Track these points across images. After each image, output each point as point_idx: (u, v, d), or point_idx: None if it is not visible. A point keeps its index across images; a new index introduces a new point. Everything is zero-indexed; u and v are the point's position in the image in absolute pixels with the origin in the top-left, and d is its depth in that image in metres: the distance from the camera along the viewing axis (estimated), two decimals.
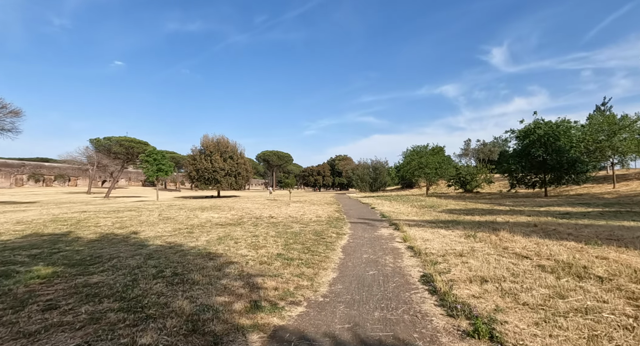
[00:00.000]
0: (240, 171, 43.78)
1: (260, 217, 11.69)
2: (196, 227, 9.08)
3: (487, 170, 31.42)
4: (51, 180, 73.95)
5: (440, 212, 14.00)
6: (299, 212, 13.69)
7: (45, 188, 66.03)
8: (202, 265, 4.86)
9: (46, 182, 72.85)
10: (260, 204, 20.20)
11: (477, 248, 6.01)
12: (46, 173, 73.05)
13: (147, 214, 12.44)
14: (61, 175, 76.12)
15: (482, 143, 51.98)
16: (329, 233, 8.16)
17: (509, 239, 6.60)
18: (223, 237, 7.26)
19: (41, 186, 70.25)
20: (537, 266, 4.68)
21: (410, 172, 30.68)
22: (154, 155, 31.26)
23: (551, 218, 10.59)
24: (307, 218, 11.53)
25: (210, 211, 14.30)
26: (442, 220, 10.98)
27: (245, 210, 14.86)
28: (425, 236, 7.46)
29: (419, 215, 12.69)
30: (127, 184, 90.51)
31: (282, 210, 15.20)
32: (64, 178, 76.52)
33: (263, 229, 8.61)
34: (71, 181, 78.06)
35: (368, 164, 54.98)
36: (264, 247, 6.30)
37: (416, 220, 11.11)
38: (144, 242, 6.71)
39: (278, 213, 13.14)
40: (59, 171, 75.40)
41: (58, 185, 75.37)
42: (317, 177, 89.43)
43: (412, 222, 10.44)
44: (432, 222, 10.41)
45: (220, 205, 18.72)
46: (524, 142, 21.93)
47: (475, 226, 8.95)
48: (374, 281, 4.40)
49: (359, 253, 6.15)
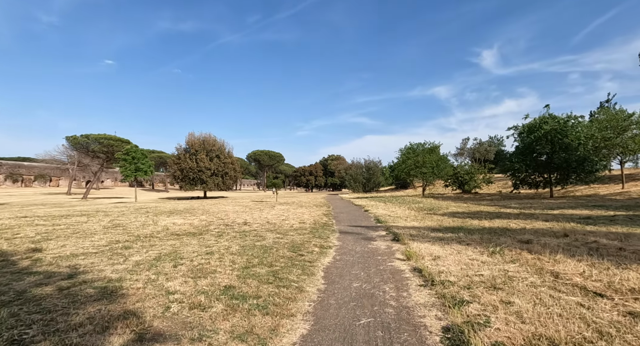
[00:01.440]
0: (227, 171, 41.73)
1: (231, 224, 9.80)
2: (142, 238, 7.17)
3: (486, 170, 30.09)
4: (31, 181, 70.57)
5: (442, 215, 12.33)
6: (280, 217, 11.85)
7: (23, 189, 62.89)
8: (76, 323, 2.99)
9: (25, 183, 69.48)
10: (242, 207, 18.31)
11: (513, 273, 4.27)
12: (25, 173, 69.63)
13: (98, 220, 10.46)
14: (42, 175, 72.71)
15: (479, 142, 50.74)
16: (311, 247, 6.35)
17: (550, 259, 4.88)
18: (164, 256, 5.38)
19: (20, 186, 66.96)
20: (628, 314, 2.95)
21: (406, 172, 28.91)
22: (133, 154, 29.09)
23: (576, 225, 8.95)
24: (288, 225, 9.68)
25: (177, 216, 12.36)
26: (447, 226, 9.27)
27: (220, 214, 12.96)
28: (434, 251, 5.71)
29: (418, 220, 10.98)
30: (113, 185, 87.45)
31: (262, 214, 13.33)
32: (44, 179, 73.16)
33: (226, 242, 6.75)
34: (52, 181, 74.69)
35: (361, 164, 53.37)
36: (212, 273, 4.45)
37: (417, 226, 9.39)
38: (36, 268, 4.78)
39: (255, 219, 11.27)
40: (39, 171, 71.97)
41: (38, 185, 71.99)
42: (309, 177, 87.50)
43: (413, 229, 8.71)
44: (437, 229, 8.68)
45: (195, 208, 16.78)
46: (529, 138, 20.35)
47: (491, 235, 7.25)
48: (369, 342, 2.62)
49: (347, 280, 4.37)
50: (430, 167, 27.40)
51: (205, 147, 41.19)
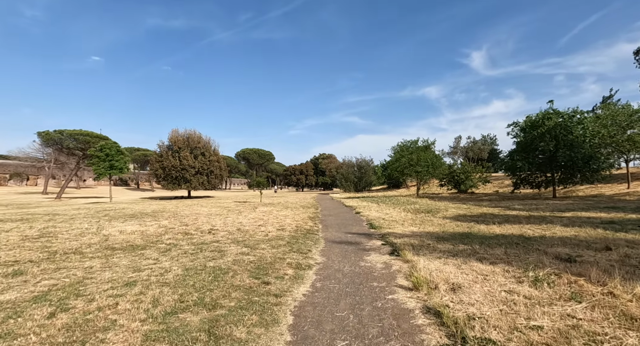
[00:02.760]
0: (213, 169, 39.70)
1: (193, 232, 8.05)
2: (59, 256, 5.38)
3: (483, 169, 28.78)
4: (6, 179, 66.92)
5: (443, 218, 10.83)
6: (258, 222, 10.14)
7: None
8: None
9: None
10: (219, 208, 16.53)
11: (589, 324, 2.70)
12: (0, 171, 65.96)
13: (29, 226, 8.58)
14: (18, 173, 69.05)
15: (472, 140, 49.72)
16: (283, 268, 4.71)
17: (626, 291, 3.35)
18: (56, 290, 3.64)
19: None
20: None
21: (400, 170, 27.36)
22: (106, 150, 26.87)
23: (605, 232, 7.51)
24: (262, 233, 7.98)
25: (135, 220, 10.53)
26: (452, 232, 7.76)
27: (188, 219, 11.19)
28: (450, 274, 4.14)
29: (417, 224, 9.44)
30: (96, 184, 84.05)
31: (238, 218, 11.61)
32: (21, 177, 69.55)
33: (168, 261, 5.02)
34: (30, 180, 71.09)
35: (353, 163, 51.84)
36: (105, 331, 2.75)
37: (417, 233, 7.84)
38: None
39: (226, 224, 9.54)
40: (14, 169, 68.29)
41: (14, 184, 68.40)
42: (300, 177, 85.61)
43: (414, 237, 7.14)
44: (442, 237, 7.14)
45: (166, 210, 14.93)
46: (531, 135, 18.97)
47: (515, 248, 5.73)
48: None
49: (327, 334, 2.76)
50: (425, 165, 25.91)
51: (190, 144, 39.08)
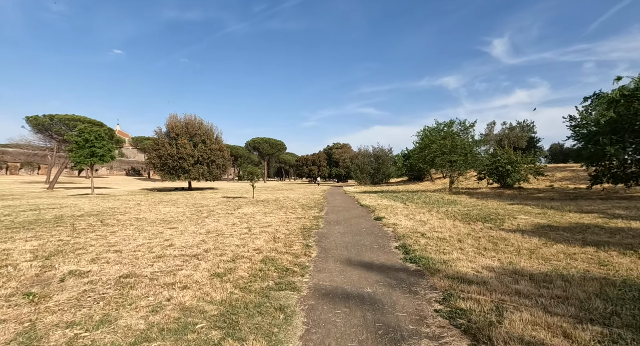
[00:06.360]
0: (214, 158, 36.03)
1: (48, 279, 3.98)
2: None
3: (536, 158, 23.02)
4: (17, 168, 66.38)
5: (522, 235, 6.17)
6: (218, 239, 5.95)
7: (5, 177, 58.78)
8: None
9: (11, 170, 65.33)
10: (195, 208, 12.52)
11: None
12: (10, 160, 65.43)
13: None
14: (29, 162, 68.32)
15: (509, 127, 43.57)
16: None
17: None
18: None
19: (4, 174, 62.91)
20: None
21: (429, 160, 22.27)
22: (86, 135, 23.44)
23: None
24: (192, 280, 3.77)
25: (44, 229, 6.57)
26: (571, 275, 3.21)
27: (135, 227, 7.14)
28: None
29: (488, 250, 4.89)
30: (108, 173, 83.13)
31: (197, 226, 7.42)
32: (32, 166, 68.95)
33: None
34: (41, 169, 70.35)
35: (369, 152, 46.88)
36: None
37: (501, 271, 3.34)
38: None
39: (152, 246, 5.39)
40: (25, 158, 67.50)
41: (25, 173, 67.89)
42: (312, 167, 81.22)
43: (510, 294, 2.69)
44: (567, 297, 2.64)
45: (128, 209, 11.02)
46: (630, 109, 13.12)
47: None
48: None
49: None
50: (462, 154, 20.75)
51: (189, 130, 35.50)
